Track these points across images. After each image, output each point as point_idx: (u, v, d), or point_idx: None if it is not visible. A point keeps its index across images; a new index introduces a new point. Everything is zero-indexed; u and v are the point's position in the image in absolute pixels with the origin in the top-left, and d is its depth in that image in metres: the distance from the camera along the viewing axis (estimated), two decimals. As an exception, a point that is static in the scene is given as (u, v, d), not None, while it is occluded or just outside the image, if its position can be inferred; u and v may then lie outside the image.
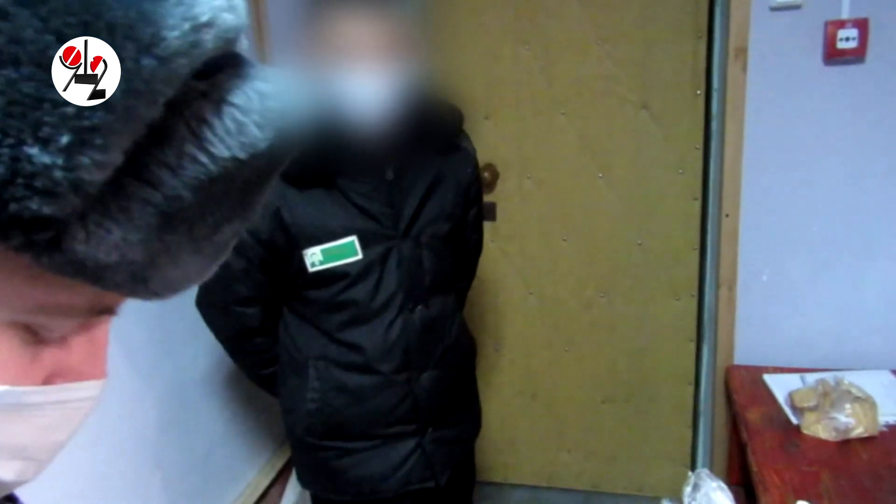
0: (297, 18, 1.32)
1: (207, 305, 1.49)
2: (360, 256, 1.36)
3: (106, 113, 0.25)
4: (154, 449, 1.70)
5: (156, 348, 1.70)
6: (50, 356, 0.33)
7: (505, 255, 2.33)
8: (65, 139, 0.25)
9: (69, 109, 0.25)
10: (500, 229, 2.31)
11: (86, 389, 0.35)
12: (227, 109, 0.29)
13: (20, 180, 0.25)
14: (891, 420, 1.65)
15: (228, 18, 0.28)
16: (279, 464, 2.19)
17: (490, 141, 2.21)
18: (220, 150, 0.29)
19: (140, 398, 1.65)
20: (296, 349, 1.47)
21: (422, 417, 1.48)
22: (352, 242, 1.36)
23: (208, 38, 0.27)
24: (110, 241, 0.28)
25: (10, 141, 0.24)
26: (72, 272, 0.28)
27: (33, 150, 0.25)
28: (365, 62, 1.21)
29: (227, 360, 1.83)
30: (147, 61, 0.26)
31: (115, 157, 0.26)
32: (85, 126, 0.25)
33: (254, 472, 2.13)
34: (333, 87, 1.23)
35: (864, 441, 1.59)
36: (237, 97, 0.29)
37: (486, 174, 2.19)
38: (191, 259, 0.32)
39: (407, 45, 1.25)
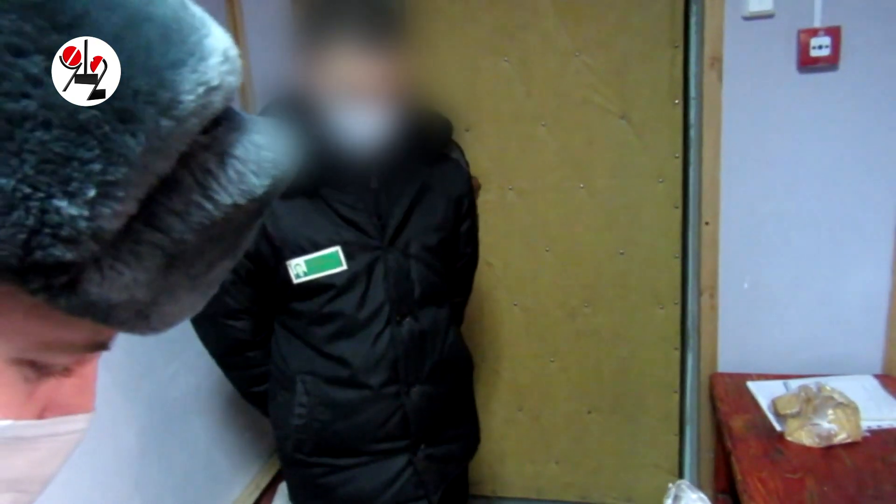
0: (292, 48, 1.33)
1: (199, 319, 1.48)
2: (344, 267, 1.35)
3: (128, 169, 0.28)
4: (135, 469, 1.68)
5: (136, 368, 1.68)
6: (43, 391, 0.35)
7: (488, 266, 2.32)
8: (90, 193, 0.27)
9: (95, 166, 0.27)
10: (483, 241, 2.28)
11: (76, 422, 0.37)
12: (229, 161, 0.32)
13: (47, 230, 0.27)
14: (873, 425, 1.65)
15: (232, 80, 0.30)
16: (264, 482, 2.17)
17: (471, 153, 2.19)
18: (223, 198, 0.32)
19: (120, 418, 1.63)
20: (284, 364, 1.46)
21: (413, 433, 1.45)
22: (335, 253, 1.34)
23: (217, 100, 0.30)
24: (121, 283, 0.30)
25: (41, 195, 0.27)
26: (83, 312, 0.30)
27: (62, 203, 0.27)
28: (359, 98, 1.22)
29: (209, 377, 1.82)
30: (165, 122, 0.28)
31: (132, 207, 0.29)
32: (109, 180, 0.27)
33: (238, 491, 2.10)
34: (326, 118, 1.24)
35: (848, 447, 1.59)
36: (237, 149, 0.32)
37: (467, 186, 2.19)
38: (187, 296, 0.34)
39: (400, 82, 1.26)
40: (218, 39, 0.30)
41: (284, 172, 0.34)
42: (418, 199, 1.41)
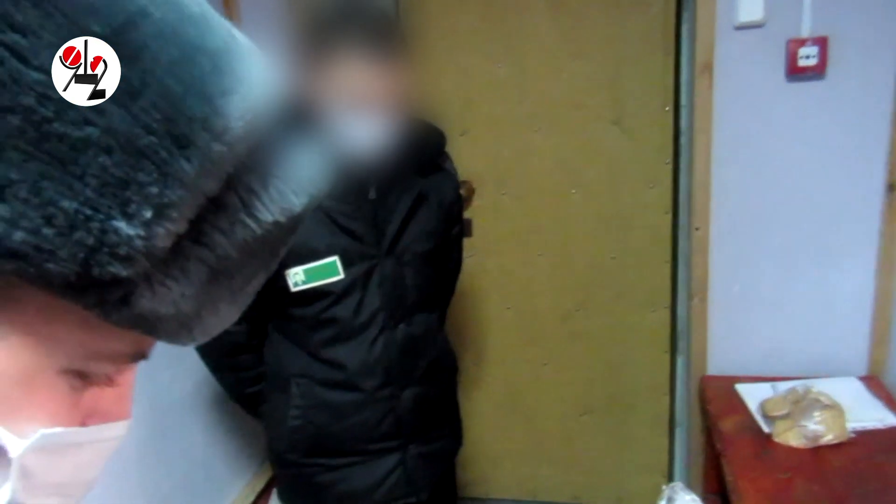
0: (291, 58, 1.35)
1: None
2: (342, 276, 1.37)
3: (183, 191, 0.29)
4: (133, 472, 1.69)
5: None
6: (87, 399, 0.36)
7: (482, 270, 2.35)
8: (148, 214, 0.29)
9: (153, 189, 0.29)
10: (477, 245, 2.33)
11: (116, 429, 0.38)
12: (271, 181, 0.33)
13: (105, 249, 0.28)
14: (859, 426, 1.68)
15: (275, 106, 0.32)
16: (259, 485, 2.19)
17: (466, 157, 2.23)
18: (265, 216, 0.33)
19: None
20: (279, 367, 1.48)
21: (404, 433, 1.49)
22: (334, 262, 1.37)
23: (262, 125, 0.31)
24: (170, 297, 0.32)
25: (101, 217, 0.28)
26: (133, 325, 0.32)
27: (120, 224, 0.28)
28: (359, 107, 1.24)
29: (206, 382, 1.83)
30: (217, 147, 0.30)
31: (182, 226, 0.30)
32: (165, 202, 0.29)
33: (234, 494, 2.12)
34: (327, 129, 1.25)
35: (834, 447, 1.63)
36: (279, 170, 0.34)
37: (462, 191, 2.22)
38: (227, 308, 0.36)
39: (399, 91, 1.28)
40: (263, 67, 0.32)
41: (320, 190, 0.36)
42: (414, 209, 1.44)
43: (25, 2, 0.27)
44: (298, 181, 0.35)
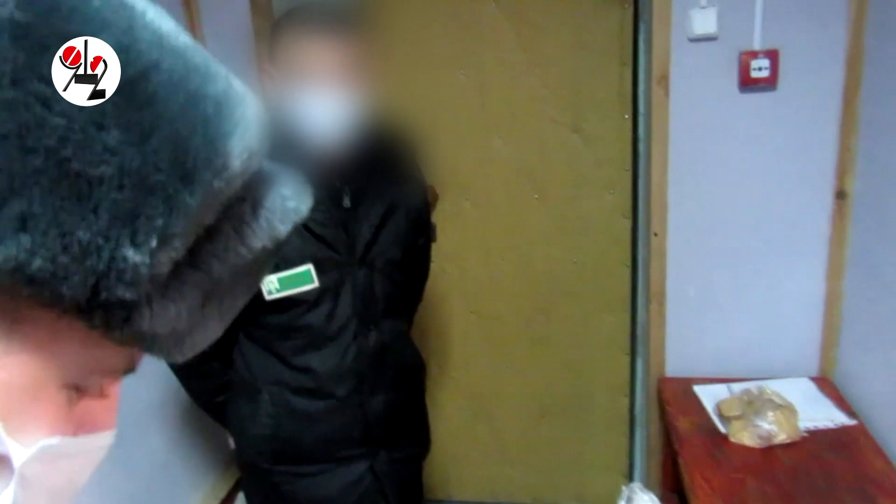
0: (253, 40, 1.35)
1: None
2: (316, 284, 1.38)
3: (185, 222, 0.32)
4: (95, 475, 1.67)
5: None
6: (79, 410, 0.39)
7: (445, 274, 2.37)
8: (154, 243, 0.32)
9: (159, 221, 0.32)
10: (440, 249, 2.33)
11: (104, 438, 0.41)
12: (261, 212, 0.37)
13: (114, 274, 0.31)
14: (810, 426, 1.74)
15: (265, 144, 0.36)
16: (222, 491, 2.17)
17: (429, 163, 2.25)
18: (255, 243, 0.37)
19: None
20: (249, 374, 1.48)
21: (373, 440, 1.50)
22: (308, 271, 1.37)
23: (256, 161, 0.35)
24: (167, 317, 0.35)
25: (112, 245, 0.31)
26: (132, 342, 0.35)
27: (129, 252, 0.31)
28: (321, 84, 1.24)
29: (169, 386, 1.82)
30: (217, 183, 0.33)
31: (182, 253, 0.33)
32: (170, 233, 0.32)
33: (197, 499, 2.10)
34: (290, 108, 1.25)
35: (787, 447, 1.68)
36: (267, 200, 0.38)
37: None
38: (214, 326, 0.39)
39: (361, 67, 1.28)
40: (256, 110, 0.35)
41: (301, 217, 0.40)
42: (386, 217, 1.45)
43: (51, 54, 0.30)
44: (285, 211, 0.38)
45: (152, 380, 1.84)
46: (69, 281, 0.31)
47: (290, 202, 0.39)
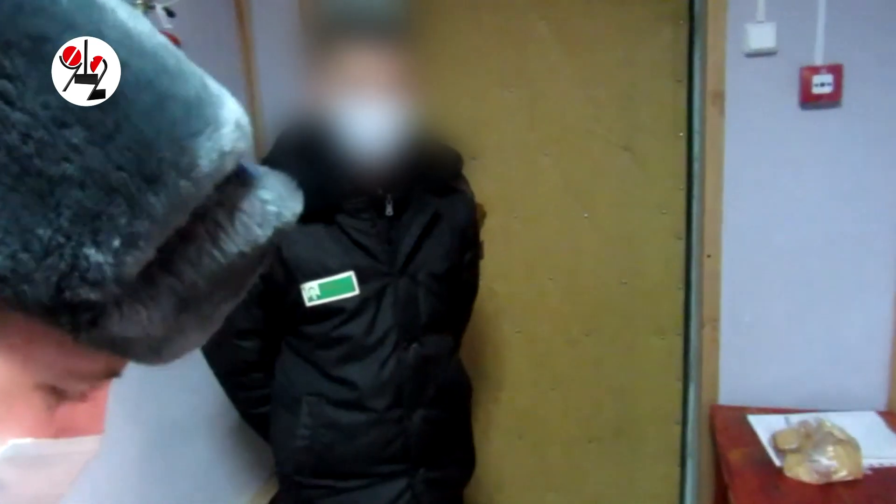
0: (301, 56, 1.38)
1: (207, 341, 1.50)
2: (356, 292, 1.38)
3: (150, 223, 0.32)
4: (136, 488, 1.69)
5: (139, 386, 1.70)
6: (60, 414, 0.38)
7: (491, 293, 2.33)
8: (116, 243, 0.31)
9: (122, 220, 0.31)
10: (487, 268, 2.31)
11: (88, 443, 0.41)
12: (237, 215, 0.36)
13: (76, 273, 0.31)
14: (875, 463, 1.64)
15: (242, 146, 0.35)
16: (262, 503, 2.17)
17: (476, 181, 2.20)
18: (230, 247, 0.36)
19: (122, 436, 1.65)
20: (289, 385, 1.48)
21: (413, 457, 1.47)
22: (349, 278, 1.37)
23: (229, 162, 0.34)
24: (138, 321, 0.34)
25: (73, 244, 0.31)
26: (102, 345, 0.34)
27: (91, 251, 0.31)
28: (367, 95, 1.25)
29: (210, 397, 1.83)
30: (184, 183, 0.32)
31: (150, 255, 0.33)
32: (133, 233, 0.31)
33: (236, 513, 2.11)
34: (336, 119, 1.27)
35: (848, 484, 1.58)
36: (244, 204, 0.36)
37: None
38: (194, 333, 0.39)
39: (407, 78, 1.29)
40: (231, 111, 0.34)
41: (287, 223, 0.39)
42: (429, 228, 1.44)
43: (14, 51, 0.30)
44: (264, 215, 0.37)
45: (194, 390, 1.86)
46: (31, 279, 0.30)
47: (270, 206, 0.38)
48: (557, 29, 2.12)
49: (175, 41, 1.57)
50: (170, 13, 1.54)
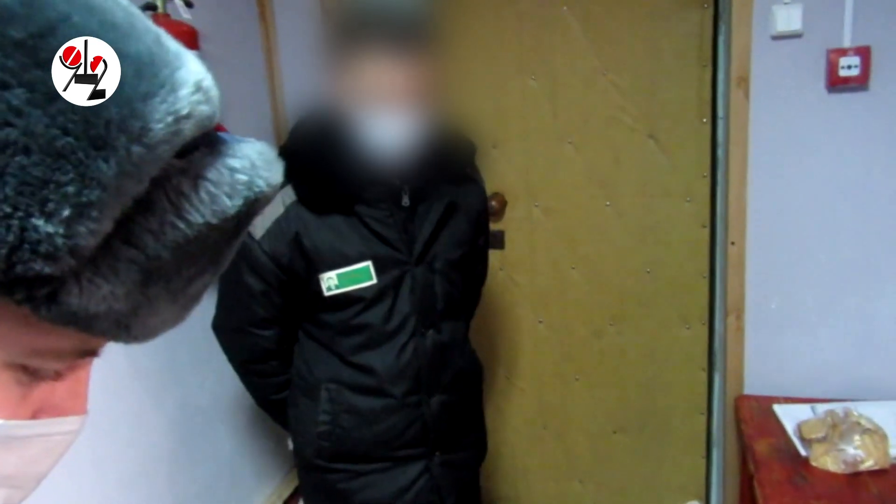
0: (321, 57, 1.38)
1: (225, 329, 1.53)
2: (374, 281, 1.40)
3: (101, 191, 0.30)
4: (161, 474, 1.72)
5: (163, 376, 1.73)
6: (38, 394, 0.37)
7: (514, 283, 2.33)
8: (66, 212, 0.29)
9: (70, 189, 0.29)
10: (509, 258, 2.31)
11: (68, 424, 0.39)
12: (202, 184, 0.34)
13: (27, 246, 0.29)
14: (903, 453, 1.60)
15: (204, 109, 0.33)
16: (286, 491, 2.20)
17: (498, 170, 2.23)
18: (195, 218, 0.34)
19: (148, 425, 1.68)
20: (308, 372, 1.50)
21: (430, 441, 1.50)
22: (367, 267, 1.39)
23: (187, 127, 0.32)
24: (99, 295, 0.32)
25: (20, 214, 0.29)
26: (65, 321, 0.32)
27: (39, 222, 0.29)
28: (389, 104, 1.26)
29: (234, 387, 1.86)
30: (136, 149, 0.30)
31: (107, 226, 0.31)
32: (83, 202, 0.29)
33: (261, 499, 2.13)
34: (357, 131, 1.28)
35: (875, 474, 1.56)
36: (211, 173, 0.34)
37: (493, 203, 2.21)
38: (167, 308, 0.36)
39: (428, 87, 1.29)
40: (190, 72, 0.32)
41: (260, 193, 0.36)
42: (446, 217, 1.46)
43: None
44: (233, 184, 0.35)
45: (218, 379, 1.89)
46: None
47: (240, 175, 0.35)
48: (580, 15, 2.10)
49: (192, 33, 1.59)
50: (188, 3, 1.55)
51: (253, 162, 0.36)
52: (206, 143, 0.34)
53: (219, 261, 0.37)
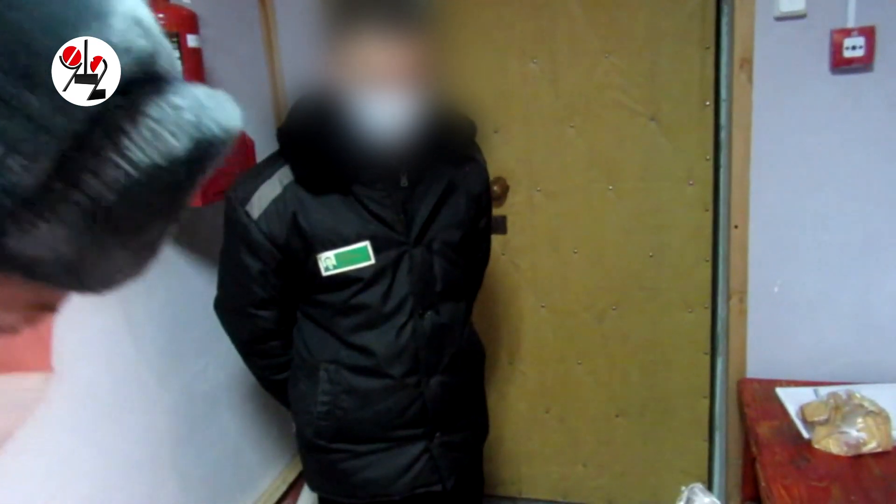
0: (319, 38, 1.36)
1: (225, 309, 1.54)
2: (372, 261, 1.40)
3: (33, 126, 0.28)
4: (166, 458, 1.73)
5: (168, 358, 1.73)
6: None
7: (516, 267, 2.33)
8: None
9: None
10: (511, 242, 2.31)
11: (30, 381, 0.38)
12: (141, 120, 0.32)
13: None
14: (906, 434, 1.61)
15: (141, 43, 0.31)
16: (291, 475, 2.21)
17: (499, 154, 2.22)
18: (139, 157, 0.32)
19: (153, 407, 1.68)
20: (308, 353, 1.50)
21: (430, 421, 1.51)
22: (364, 248, 1.39)
23: (127, 63, 0.30)
24: (40, 237, 0.31)
25: None
26: (6, 266, 0.31)
27: None
28: (386, 84, 1.25)
29: (239, 370, 1.86)
30: None
31: (44, 163, 0.29)
32: (14, 138, 0.28)
33: (266, 484, 2.15)
34: (354, 111, 1.27)
35: (878, 456, 1.56)
36: (152, 109, 0.32)
37: (495, 187, 2.20)
38: (120, 255, 0.35)
39: (425, 68, 1.28)
40: (126, 5, 0.31)
41: (210, 135, 0.35)
42: (444, 198, 1.46)
43: None
44: (178, 123, 0.33)
45: (223, 363, 1.89)
46: None
47: (186, 114, 0.34)
48: (581, -2, 2.08)
49: (192, 17, 1.58)
50: (187, -13, 1.54)
51: (200, 102, 0.35)
52: (151, 82, 0.33)
53: (174, 207, 0.36)
